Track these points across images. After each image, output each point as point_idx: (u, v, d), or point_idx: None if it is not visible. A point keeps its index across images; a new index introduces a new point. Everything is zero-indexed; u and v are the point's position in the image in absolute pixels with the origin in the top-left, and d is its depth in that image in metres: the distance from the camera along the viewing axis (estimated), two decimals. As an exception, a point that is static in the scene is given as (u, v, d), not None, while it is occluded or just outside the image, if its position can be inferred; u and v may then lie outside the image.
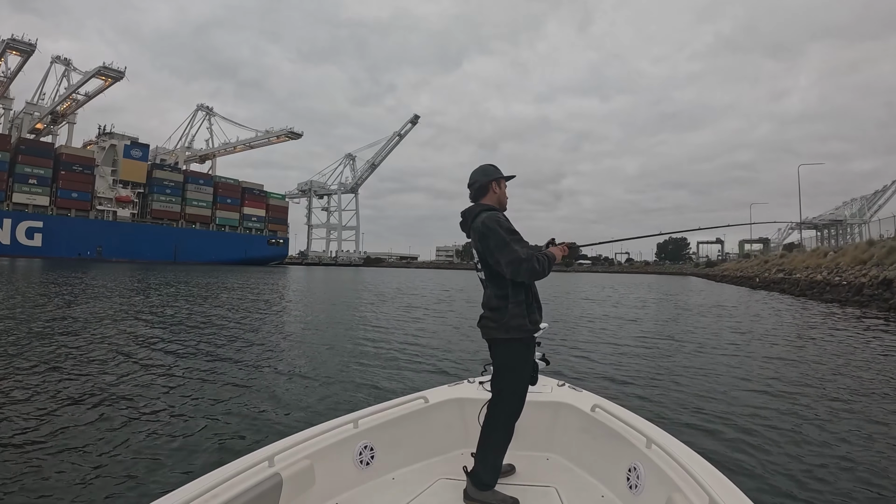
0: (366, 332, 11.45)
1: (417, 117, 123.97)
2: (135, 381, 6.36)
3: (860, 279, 22.21)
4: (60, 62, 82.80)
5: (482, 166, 2.84)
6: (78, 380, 6.31)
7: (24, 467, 3.75)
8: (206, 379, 6.66)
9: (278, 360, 8.00)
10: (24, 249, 70.89)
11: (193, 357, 8.04)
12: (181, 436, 4.52)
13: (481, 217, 2.63)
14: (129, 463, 3.90)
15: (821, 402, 6.08)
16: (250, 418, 5.09)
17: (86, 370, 6.85)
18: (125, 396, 5.69)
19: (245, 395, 5.95)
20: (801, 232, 69.54)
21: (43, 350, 8.01)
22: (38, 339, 8.88)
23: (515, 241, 2.53)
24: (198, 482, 2.03)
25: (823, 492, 3.69)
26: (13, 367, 6.87)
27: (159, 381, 6.41)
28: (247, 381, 6.62)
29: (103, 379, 6.41)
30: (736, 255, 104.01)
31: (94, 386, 6.07)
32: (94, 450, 4.12)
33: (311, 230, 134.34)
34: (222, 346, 9.01)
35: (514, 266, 2.47)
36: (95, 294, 18.68)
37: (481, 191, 2.78)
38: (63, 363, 7.20)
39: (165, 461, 3.96)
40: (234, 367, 7.38)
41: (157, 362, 7.55)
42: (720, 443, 4.65)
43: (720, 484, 2.08)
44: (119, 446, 4.22)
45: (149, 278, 31.22)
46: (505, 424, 2.65)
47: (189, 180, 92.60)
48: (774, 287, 33.58)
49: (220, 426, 4.83)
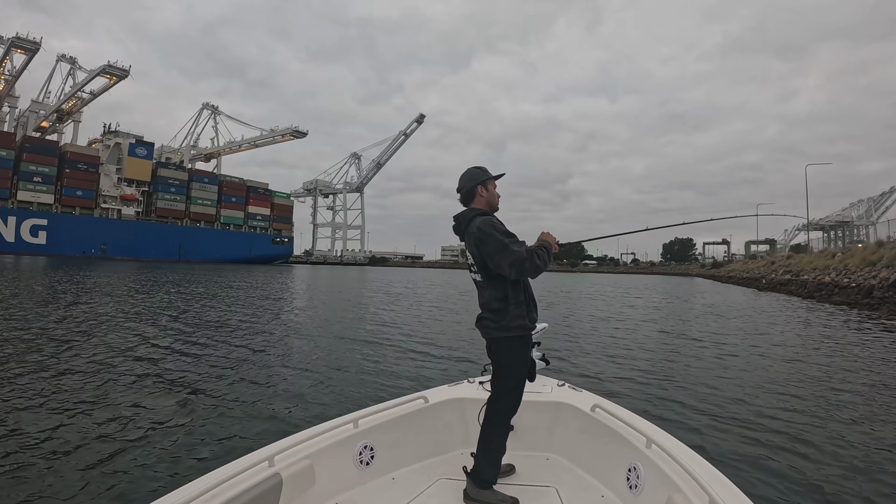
0: (366, 332, 11.48)
1: (423, 116, 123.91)
2: (135, 381, 6.38)
3: (870, 281, 21.84)
4: (66, 60, 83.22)
5: (469, 170, 2.84)
6: (78, 380, 6.33)
7: (25, 467, 3.77)
8: (205, 378, 6.67)
9: (278, 360, 8.02)
10: (29, 247, 71.19)
11: (193, 356, 8.06)
12: (181, 435, 4.53)
13: (476, 223, 2.65)
14: (130, 463, 3.90)
15: (822, 402, 6.06)
16: (250, 418, 5.10)
17: (86, 369, 6.88)
18: (125, 396, 5.70)
19: (245, 394, 5.95)
20: (808, 233, 69.17)
21: (42, 349, 8.04)
22: (38, 338, 8.93)
23: (513, 242, 2.55)
24: (198, 482, 2.03)
25: (824, 492, 3.67)
26: (13, 366, 6.90)
27: (159, 381, 6.43)
28: (247, 380, 6.63)
29: (103, 379, 6.43)
30: (742, 257, 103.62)
31: (93, 385, 6.09)
32: (93, 450, 4.13)
33: (317, 229, 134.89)
34: (222, 346, 9.03)
35: (517, 266, 2.49)
36: (99, 292, 18.76)
37: (469, 196, 2.80)
38: (63, 363, 7.23)
39: (165, 461, 3.96)
40: (234, 367, 7.39)
41: (157, 362, 7.58)
42: (720, 443, 4.64)
43: (720, 484, 2.08)
44: (119, 446, 4.23)
45: (152, 277, 31.34)
46: (504, 421, 2.68)
47: (194, 179, 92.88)
48: (781, 289, 33.21)
49: (221, 426, 4.83)
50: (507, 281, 2.61)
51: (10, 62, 77.68)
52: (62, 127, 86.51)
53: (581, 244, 2.76)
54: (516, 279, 2.60)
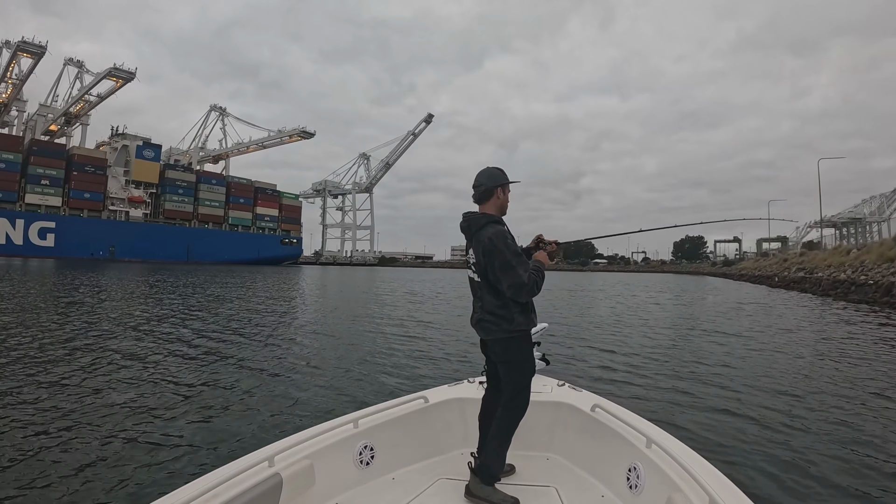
0: (367, 332, 11.51)
1: (431, 116, 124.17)
2: (135, 381, 6.42)
3: (889, 278, 21.25)
4: (73, 64, 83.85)
5: (489, 169, 2.85)
6: (78, 380, 6.38)
7: (24, 467, 3.79)
8: (206, 378, 6.71)
9: (279, 360, 8.05)
10: (37, 250, 71.78)
11: (194, 357, 8.11)
12: (181, 435, 4.55)
13: (488, 231, 2.68)
14: (130, 463, 3.93)
15: (824, 402, 6.02)
16: (250, 418, 5.12)
17: (86, 369, 6.93)
18: (126, 396, 5.74)
19: (245, 394, 5.98)
20: (821, 230, 68.45)
21: (42, 350, 8.10)
22: (38, 338, 9.00)
23: (519, 263, 2.61)
24: (198, 482, 2.04)
25: (824, 492, 3.65)
26: (15, 366, 6.95)
27: (159, 381, 6.46)
28: (247, 380, 6.66)
29: (103, 379, 6.48)
30: (754, 254, 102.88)
31: (93, 385, 6.14)
32: (93, 449, 4.16)
33: (326, 230, 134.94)
34: (223, 346, 9.08)
35: (515, 289, 2.59)
36: (105, 294, 18.89)
37: (486, 195, 2.81)
38: (63, 363, 7.28)
39: (165, 461, 3.98)
40: (234, 367, 7.43)
41: (157, 362, 7.62)
42: (720, 443, 4.62)
43: (720, 484, 2.07)
44: (119, 446, 4.26)
45: (159, 279, 31.50)
46: (518, 418, 2.70)
47: (202, 180, 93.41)
48: (794, 286, 32.64)
49: (221, 426, 4.86)
50: None
51: (18, 66, 78.33)
52: (70, 130, 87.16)
53: (588, 243, 2.74)
54: (511, 298, 2.66)
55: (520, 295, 2.60)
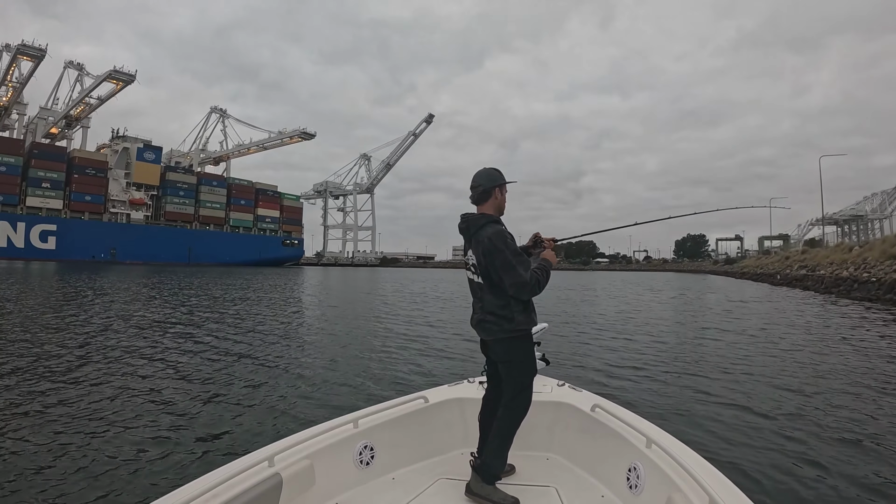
0: (367, 332, 11.52)
1: (432, 116, 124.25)
2: (135, 381, 6.44)
3: (892, 275, 21.19)
4: (73, 67, 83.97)
5: (487, 170, 2.87)
6: (78, 380, 6.39)
7: (24, 467, 3.80)
8: (206, 378, 6.72)
9: (279, 360, 8.06)
10: (38, 252, 71.91)
11: (194, 357, 8.13)
12: (181, 435, 4.56)
13: (487, 231, 2.69)
14: (130, 462, 3.93)
15: (826, 402, 6.00)
16: (250, 418, 5.13)
17: (86, 369, 6.95)
18: (125, 396, 5.75)
19: (245, 394, 5.99)
20: (823, 227, 68.32)
21: (42, 349, 8.12)
22: (37, 339, 9.00)
23: (520, 262, 2.61)
24: (198, 482, 2.04)
25: (825, 492, 3.64)
26: (15, 366, 6.96)
27: (159, 381, 6.48)
28: (247, 381, 6.67)
29: (103, 378, 6.49)
30: (755, 252, 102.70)
31: (93, 385, 6.15)
32: (93, 449, 4.16)
33: (327, 231, 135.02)
34: (223, 346, 9.09)
35: (517, 288, 2.59)
36: (106, 296, 18.90)
37: (484, 195, 2.82)
38: (63, 363, 7.29)
39: (165, 461, 3.99)
40: (234, 367, 7.45)
41: (157, 362, 7.63)
42: (720, 443, 4.61)
43: (720, 484, 2.07)
44: (120, 446, 4.26)
45: (161, 281, 31.50)
46: (520, 417, 2.71)
47: (202, 182, 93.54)
48: (797, 284, 32.56)
49: (221, 426, 4.86)
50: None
51: (18, 69, 78.43)
52: (71, 133, 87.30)
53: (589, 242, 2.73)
54: (514, 297, 2.66)
55: (522, 293, 2.61)
